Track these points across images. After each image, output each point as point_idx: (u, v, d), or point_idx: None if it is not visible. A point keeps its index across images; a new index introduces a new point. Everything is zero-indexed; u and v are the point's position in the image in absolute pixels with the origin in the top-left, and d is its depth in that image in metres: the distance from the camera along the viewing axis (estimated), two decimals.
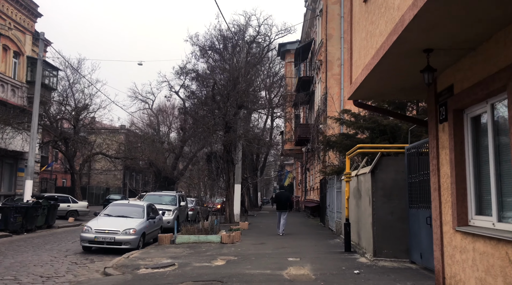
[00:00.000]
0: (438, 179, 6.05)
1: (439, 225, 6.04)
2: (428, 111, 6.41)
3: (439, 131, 6.04)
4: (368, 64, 6.05)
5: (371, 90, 7.18)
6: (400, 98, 9.65)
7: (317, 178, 28.23)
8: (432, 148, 6.22)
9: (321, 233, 17.33)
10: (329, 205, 18.69)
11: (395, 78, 6.31)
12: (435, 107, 6.15)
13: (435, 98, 6.12)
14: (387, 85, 6.73)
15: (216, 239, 13.84)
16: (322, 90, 26.60)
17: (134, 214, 13.79)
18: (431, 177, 6.35)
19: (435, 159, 6.14)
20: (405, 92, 7.16)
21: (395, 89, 6.99)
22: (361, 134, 16.09)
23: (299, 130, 31.83)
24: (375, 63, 5.60)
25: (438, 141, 6.06)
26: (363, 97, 8.00)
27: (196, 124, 19.03)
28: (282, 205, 16.52)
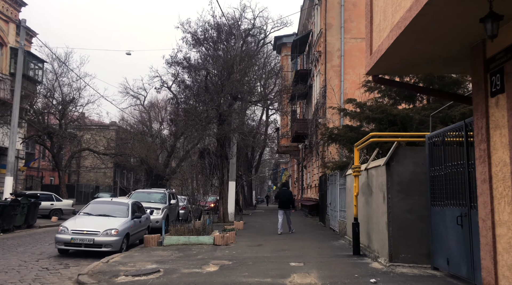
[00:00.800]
0: (489, 167, 4.77)
1: (489, 226, 4.76)
2: (473, 84, 5.12)
3: (490, 107, 4.76)
4: (401, 22, 4.74)
5: (399, 61, 5.86)
6: (434, 71, 8.18)
7: (316, 175, 26.95)
8: (480, 129, 4.93)
9: (322, 233, 16.04)
10: (331, 203, 17.42)
11: (435, 40, 4.99)
12: (483, 77, 4.86)
13: (484, 66, 4.83)
14: (422, 51, 5.38)
15: (209, 241, 12.51)
16: (321, 83, 25.33)
17: (117, 213, 12.43)
18: (477, 166, 5.07)
19: (483, 143, 4.85)
20: (442, 62, 5.84)
21: (430, 58, 5.68)
22: (366, 126, 14.83)
23: (296, 126, 30.53)
24: (414, 16, 4.29)
25: (488, 120, 4.78)
26: (385, 71, 6.66)
27: (188, 116, 17.66)
28: (285, 203, 15.81)
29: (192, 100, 18.33)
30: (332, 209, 16.93)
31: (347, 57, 24.57)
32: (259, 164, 50.44)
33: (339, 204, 15.27)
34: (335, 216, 16.18)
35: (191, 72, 18.93)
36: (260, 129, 28.42)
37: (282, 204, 15.81)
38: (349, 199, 12.84)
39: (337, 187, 15.58)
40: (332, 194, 16.91)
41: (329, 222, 17.93)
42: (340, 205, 15.03)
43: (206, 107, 17.83)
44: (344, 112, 14.87)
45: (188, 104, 18.58)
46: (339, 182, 15.27)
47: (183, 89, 18.37)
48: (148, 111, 48.67)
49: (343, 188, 14.52)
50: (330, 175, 17.99)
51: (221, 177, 20.63)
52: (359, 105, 14.26)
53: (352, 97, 17.41)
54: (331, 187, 17.31)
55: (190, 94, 18.16)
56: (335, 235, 15.06)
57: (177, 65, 19.51)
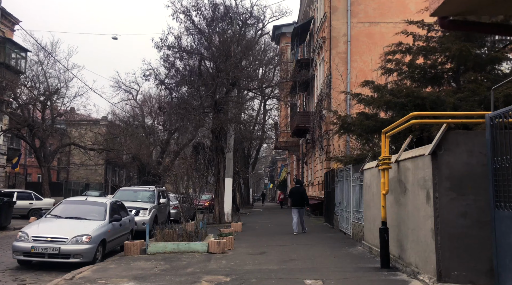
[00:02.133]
0: None
1: None
2: None
3: None
4: None
5: None
6: None
7: (319, 171, 24.96)
8: None
9: (332, 237, 14.05)
10: (340, 202, 15.43)
11: None
12: None
13: None
14: None
15: (202, 248, 10.47)
16: (326, 71, 23.33)
17: (92, 215, 10.38)
18: None
19: None
20: None
21: None
22: (384, 113, 12.85)
23: (297, 119, 28.51)
24: None
25: None
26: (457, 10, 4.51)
27: (179, 105, 15.63)
28: (299, 201, 14.98)
29: (185, 86, 16.28)
30: (343, 209, 14.94)
31: (354, 43, 22.59)
32: (256, 160, 48.41)
33: (353, 204, 13.28)
34: (346, 217, 14.19)
35: (183, 57, 16.86)
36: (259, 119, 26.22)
37: (296, 202, 15.00)
38: (368, 197, 10.85)
39: (349, 184, 13.59)
40: (343, 192, 14.92)
41: (338, 223, 15.94)
42: (354, 205, 13.04)
43: (199, 94, 15.82)
44: (359, 98, 12.83)
45: (179, 92, 16.52)
46: (353, 178, 13.28)
47: (174, 75, 16.29)
48: (141, 106, 46.51)
49: (358, 185, 12.53)
50: (339, 170, 16.00)
51: (217, 173, 18.62)
52: (377, 89, 12.25)
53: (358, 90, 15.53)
54: (341, 184, 15.32)
55: (182, 79, 16.10)
56: (348, 240, 13.06)
57: (167, 49, 17.42)
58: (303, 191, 15.63)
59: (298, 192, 15.24)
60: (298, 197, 14.99)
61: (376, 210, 10.02)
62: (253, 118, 18.18)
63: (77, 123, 42.90)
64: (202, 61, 17.63)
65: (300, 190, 15.41)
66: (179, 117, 15.96)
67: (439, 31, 12.11)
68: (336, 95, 21.46)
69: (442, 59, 12.05)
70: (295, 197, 15.06)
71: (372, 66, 21.85)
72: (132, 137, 30.48)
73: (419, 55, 12.19)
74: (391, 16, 22.29)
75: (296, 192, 15.21)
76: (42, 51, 33.57)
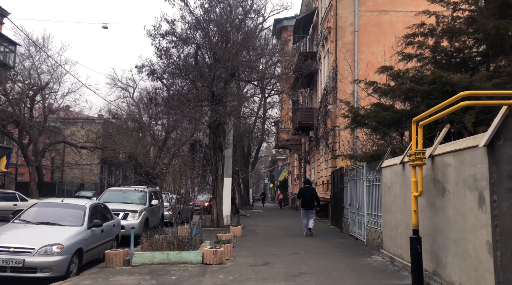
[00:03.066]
0: None
1: None
2: None
3: None
4: None
5: None
6: None
7: (324, 170, 23.50)
8: None
9: (343, 243, 12.57)
10: (351, 204, 13.97)
11: None
12: None
13: None
14: None
15: (195, 258, 9.00)
16: (331, 64, 21.86)
17: (68, 220, 8.92)
18: None
19: None
20: None
21: None
22: (401, 104, 11.41)
23: (299, 116, 27.01)
24: None
25: None
26: None
27: (172, 96, 14.16)
28: (308, 202, 14.31)
29: (179, 78, 14.76)
30: (354, 212, 13.47)
31: (362, 33, 21.11)
32: (256, 160, 46.94)
33: (366, 206, 11.81)
34: (359, 221, 12.72)
35: (178, 45, 15.34)
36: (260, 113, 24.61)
37: (306, 202, 14.35)
38: (389, 199, 9.39)
39: (363, 183, 12.11)
40: (354, 192, 13.45)
41: (347, 227, 14.48)
42: (369, 207, 11.57)
43: (195, 85, 14.34)
44: (374, 87, 11.35)
45: (173, 83, 14.98)
46: (367, 178, 11.81)
47: (168, 64, 14.77)
48: (137, 104, 44.94)
49: (374, 185, 11.07)
50: (349, 169, 14.54)
51: (215, 172, 17.13)
52: (396, 76, 10.78)
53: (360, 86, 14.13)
54: (352, 183, 13.86)
55: (176, 69, 14.59)
56: (362, 247, 11.59)
57: (161, 37, 15.89)
58: (313, 191, 14.83)
59: (308, 192, 14.55)
60: (308, 197, 14.33)
61: (400, 215, 8.56)
62: (253, 112, 16.63)
63: (71, 121, 41.43)
64: (199, 50, 16.12)
65: (310, 190, 14.69)
66: (172, 111, 14.48)
67: (466, 11, 10.67)
68: (342, 89, 20.00)
69: (470, 43, 10.61)
70: (305, 197, 14.37)
71: (381, 58, 20.49)
72: (126, 135, 28.96)
73: (443, 38, 10.74)
74: (402, 4, 20.84)
75: (306, 192, 14.52)
76: (33, 45, 32.20)
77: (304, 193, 14.64)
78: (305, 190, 14.80)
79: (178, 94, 14.05)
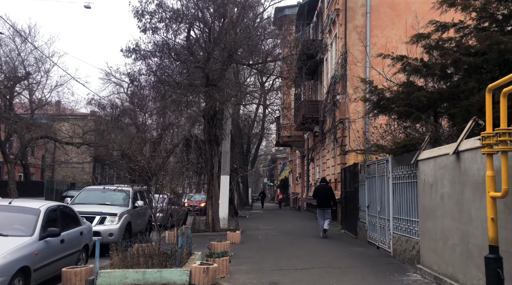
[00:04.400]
0: None
1: None
2: None
3: None
4: None
5: None
6: None
7: (331, 168, 21.37)
8: None
9: (363, 253, 10.44)
10: (369, 205, 11.87)
11: None
12: None
13: None
14: None
15: (180, 278, 6.87)
16: (340, 50, 19.76)
17: (13, 228, 6.83)
18: None
19: None
20: None
21: None
22: (433, 84, 9.34)
23: (303, 109, 24.85)
24: None
25: None
26: None
27: (159, 78, 12.04)
28: (325, 201, 13.64)
29: (168, 57, 12.60)
30: (373, 215, 11.36)
31: (374, 16, 19.04)
32: (255, 158, 44.80)
33: (393, 209, 9.71)
34: (382, 226, 10.60)
35: (169, 20, 13.19)
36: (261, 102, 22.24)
37: (322, 202, 13.70)
38: (432, 201, 7.28)
39: (388, 181, 10.01)
40: (374, 192, 11.33)
41: (364, 233, 12.37)
42: (396, 210, 9.46)
43: (187, 66, 12.25)
44: (403, 63, 9.24)
45: (162, 65, 12.80)
46: (393, 174, 9.71)
47: (156, 43, 12.62)
48: (132, 99, 42.74)
49: (404, 183, 8.97)
50: (366, 164, 12.43)
51: (210, 169, 15.02)
52: (434, 47, 8.69)
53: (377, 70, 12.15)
54: (370, 182, 11.75)
55: (164, 46, 12.42)
56: (388, 259, 9.48)
57: (149, 16, 13.74)
58: (329, 190, 14.14)
59: (324, 191, 13.86)
60: (324, 196, 13.69)
61: (451, 221, 6.46)
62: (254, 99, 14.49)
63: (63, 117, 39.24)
64: (192, 29, 13.98)
65: (325, 189, 13.98)
66: (159, 95, 12.37)
67: None
68: (353, 76, 17.92)
69: None
70: (321, 196, 13.73)
71: (396, 42, 18.39)
72: (118, 130, 26.78)
73: None
74: None
75: (322, 191, 13.85)
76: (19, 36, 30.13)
77: (320, 191, 13.91)
78: (321, 188, 14.05)
79: (166, 76, 11.94)
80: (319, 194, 13.87)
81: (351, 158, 18.10)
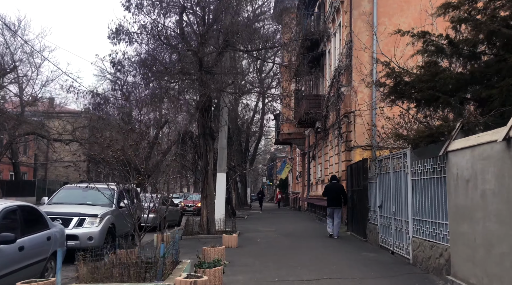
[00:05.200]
0: None
1: None
2: None
3: None
4: None
5: None
6: None
7: (334, 166, 20.06)
8: None
9: (377, 259, 9.18)
10: (381, 205, 10.62)
11: None
12: None
13: None
14: None
15: None
16: (344, 39, 18.49)
17: None
18: None
19: None
20: None
21: None
22: (459, 66, 8.11)
23: (304, 104, 23.57)
24: None
25: None
26: None
27: (143, 62, 10.73)
28: (335, 200, 13.20)
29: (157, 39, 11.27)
30: (388, 216, 10.11)
31: (382, 2, 17.75)
32: (254, 156, 43.53)
33: (413, 209, 8.45)
34: (398, 228, 9.34)
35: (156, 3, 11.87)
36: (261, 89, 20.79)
37: (333, 200, 13.25)
38: (467, 200, 6.01)
39: (407, 177, 8.73)
40: (388, 190, 10.07)
41: (375, 235, 11.12)
42: (417, 211, 8.20)
43: (177, 49, 10.96)
44: (425, 40, 7.98)
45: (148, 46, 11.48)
46: (412, 169, 8.44)
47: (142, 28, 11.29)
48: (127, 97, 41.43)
49: (427, 179, 7.70)
50: (377, 160, 11.17)
51: (205, 166, 13.73)
52: (464, 20, 7.43)
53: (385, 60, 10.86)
54: (384, 178, 10.49)
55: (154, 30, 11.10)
56: (408, 267, 8.21)
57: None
58: (340, 188, 13.73)
59: (334, 189, 13.42)
60: (335, 194, 13.24)
61: (499, 225, 5.20)
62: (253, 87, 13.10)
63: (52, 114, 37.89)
64: (185, 11, 12.68)
65: (336, 187, 13.55)
66: (144, 81, 11.07)
67: None
68: (359, 66, 16.65)
69: None
70: (331, 194, 13.26)
71: (405, 30, 17.16)
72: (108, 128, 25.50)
73: None
74: None
75: (333, 189, 13.39)
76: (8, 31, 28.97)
77: (330, 189, 13.44)
78: (332, 186, 13.56)
79: (153, 60, 10.66)
80: (330, 192, 13.39)
81: (356, 154, 16.86)
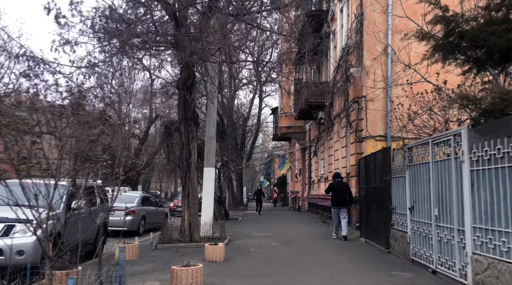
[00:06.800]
0: None
1: None
2: None
3: None
4: None
5: None
6: None
7: (340, 161, 17.43)
8: None
9: (412, 281, 6.58)
10: (413, 206, 8.05)
11: None
12: None
13: None
14: None
15: None
16: (353, 12, 15.91)
17: None
18: None
19: None
20: None
21: None
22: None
23: (306, 93, 20.98)
24: None
25: None
26: None
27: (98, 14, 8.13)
28: (341, 199, 12.36)
29: None
30: (425, 221, 7.53)
31: None
32: (251, 153, 40.86)
33: (472, 213, 5.87)
34: (445, 239, 6.74)
35: None
36: None
37: (339, 200, 12.45)
38: None
39: (462, 167, 6.15)
40: (428, 186, 7.49)
41: (404, 246, 8.55)
42: (480, 216, 5.62)
43: None
44: None
45: None
46: (473, 155, 5.88)
47: None
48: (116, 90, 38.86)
49: (499, 169, 5.13)
50: (407, 147, 8.57)
51: (187, 158, 11.14)
52: None
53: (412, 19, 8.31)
54: (419, 170, 7.91)
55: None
56: None
57: None
58: (346, 186, 12.83)
59: (340, 187, 12.57)
60: (341, 193, 12.43)
61: None
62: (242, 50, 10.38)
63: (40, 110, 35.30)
64: None
65: (342, 185, 12.71)
66: (99, 38, 8.41)
67: None
68: (370, 46, 14.10)
69: None
70: (337, 193, 12.42)
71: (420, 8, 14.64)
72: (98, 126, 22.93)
73: None
74: None
75: (339, 188, 12.53)
76: None
77: (336, 188, 12.55)
78: (337, 184, 12.67)
79: (111, 11, 8.01)
80: (336, 191, 12.49)
81: (369, 146, 14.37)
